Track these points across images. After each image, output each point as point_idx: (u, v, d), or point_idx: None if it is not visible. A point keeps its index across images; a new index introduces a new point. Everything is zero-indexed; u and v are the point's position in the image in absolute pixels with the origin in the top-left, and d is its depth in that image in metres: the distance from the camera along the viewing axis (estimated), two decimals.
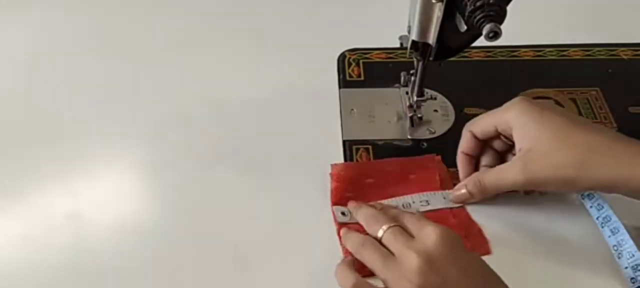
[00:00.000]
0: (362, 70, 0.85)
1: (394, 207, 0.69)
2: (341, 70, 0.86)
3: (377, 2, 0.94)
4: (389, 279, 0.60)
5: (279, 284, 0.66)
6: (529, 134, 0.66)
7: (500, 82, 0.84)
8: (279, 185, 0.73)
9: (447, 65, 0.73)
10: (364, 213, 0.67)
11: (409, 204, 0.70)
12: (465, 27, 0.65)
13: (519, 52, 0.87)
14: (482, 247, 0.67)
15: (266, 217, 0.70)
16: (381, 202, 0.70)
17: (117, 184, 0.73)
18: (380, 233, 0.63)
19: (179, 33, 0.91)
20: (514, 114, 0.67)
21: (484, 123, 0.70)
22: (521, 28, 0.74)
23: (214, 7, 0.95)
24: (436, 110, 0.80)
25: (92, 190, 0.73)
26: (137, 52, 0.89)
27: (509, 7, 0.63)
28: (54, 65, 0.87)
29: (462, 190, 0.70)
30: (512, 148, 0.70)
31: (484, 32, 0.62)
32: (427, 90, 0.77)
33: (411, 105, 0.78)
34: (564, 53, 0.88)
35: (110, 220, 0.71)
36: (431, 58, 0.72)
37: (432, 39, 0.69)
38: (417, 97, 0.77)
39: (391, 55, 0.87)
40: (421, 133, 0.78)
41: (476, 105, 0.79)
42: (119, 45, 0.90)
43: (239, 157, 0.76)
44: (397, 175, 0.72)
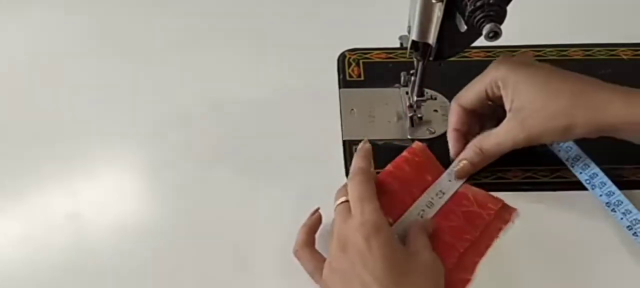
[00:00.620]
0: (362, 70, 0.85)
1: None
2: (341, 70, 0.86)
3: (377, 2, 0.94)
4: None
5: (278, 284, 0.66)
6: (519, 91, 0.67)
7: None
8: (279, 185, 0.73)
9: (447, 65, 0.73)
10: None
11: (431, 203, 0.69)
12: (465, 27, 0.65)
13: (519, 52, 0.87)
14: (508, 213, 0.69)
15: (266, 217, 0.71)
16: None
17: (117, 184, 0.73)
18: (336, 203, 0.65)
19: (179, 33, 0.91)
20: (502, 73, 0.69)
21: (472, 91, 0.71)
22: (521, 28, 0.74)
23: (214, 7, 0.95)
24: (436, 110, 0.80)
25: (92, 190, 0.73)
26: (137, 52, 0.89)
27: (509, 7, 0.63)
28: (54, 65, 0.87)
29: (462, 162, 0.71)
30: (501, 118, 0.70)
31: (484, 32, 0.62)
32: (427, 90, 0.77)
33: (411, 105, 0.78)
34: (564, 53, 0.88)
35: (110, 220, 0.71)
36: (431, 58, 0.72)
37: (432, 39, 0.69)
38: (417, 97, 0.77)
39: (391, 55, 0.87)
40: (421, 133, 0.77)
41: None
42: (119, 45, 0.90)
43: (239, 157, 0.76)
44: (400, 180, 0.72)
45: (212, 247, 0.68)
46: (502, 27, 0.62)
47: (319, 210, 0.67)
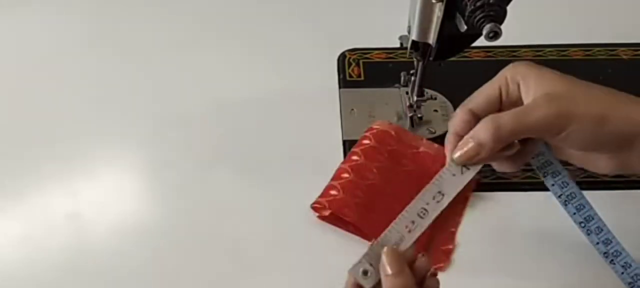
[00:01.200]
0: (362, 70, 0.85)
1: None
2: (341, 70, 0.86)
3: (377, 2, 0.94)
4: None
5: (279, 284, 0.66)
6: (545, 80, 0.59)
7: None
8: (279, 185, 0.73)
9: (447, 65, 0.73)
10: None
11: (425, 211, 0.56)
12: (465, 27, 0.65)
13: (519, 52, 0.87)
14: None
15: (266, 217, 0.71)
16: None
17: (117, 184, 0.73)
18: None
19: (179, 33, 0.91)
20: (523, 69, 0.60)
21: (483, 94, 0.61)
22: (521, 28, 0.74)
23: (214, 7, 0.95)
24: (436, 110, 0.80)
25: (92, 190, 0.73)
26: (137, 52, 0.89)
27: (509, 7, 0.63)
28: (54, 65, 0.87)
29: (469, 145, 0.57)
30: None
31: (484, 32, 0.62)
32: (427, 90, 0.77)
33: (411, 105, 0.78)
34: (564, 53, 0.88)
35: (110, 220, 0.71)
36: (431, 58, 0.72)
37: (432, 39, 0.69)
38: (417, 97, 0.77)
39: (391, 55, 0.87)
40: (421, 133, 0.77)
41: None
42: (119, 46, 0.90)
43: (239, 157, 0.76)
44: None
45: (212, 246, 0.68)
46: (502, 27, 0.62)
47: None
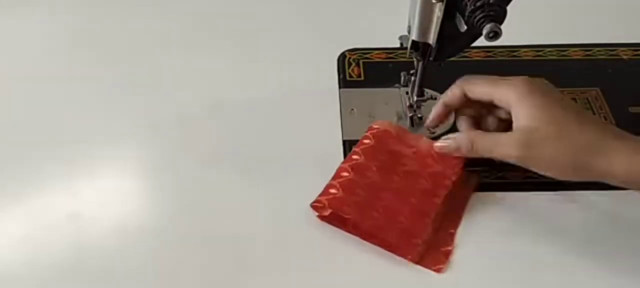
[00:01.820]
0: (362, 70, 0.85)
1: None
2: (341, 70, 0.86)
3: (377, 2, 0.94)
4: None
5: (279, 284, 0.66)
6: (528, 115, 0.66)
7: None
8: (279, 185, 0.73)
9: (447, 65, 0.73)
10: None
11: None
12: (465, 27, 0.65)
13: (519, 52, 0.87)
14: (474, 178, 0.72)
15: (266, 217, 0.71)
16: None
17: (118, 184, 0.73)
18: None
19: (180, 33, 0.91)
20: (517, 95, 0.67)
21: (481, 90, 0.70)
22: (521, 28, 0.74)
23: (214, 7, 0.95)
24: None
25: (92, 190, 0.73)
26: (137, 52, 0.89)
27: (509, 7, 0.63)
28: (53, 66, 0.87)
29: (449, 141, 0.71)
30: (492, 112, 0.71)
31: (484, 32, 0.62)
32: (427, 90, 0.77)
33: (411, 105, 0.78)
34: (564, 53, 0.88)
35: (110, 220, 0.71)
36: (431, 58, 0.72)
37: (432, 39, 0.69)
38: (417, 97, 0.77)
39: (391, 55, 0.87)
40: (421, 133, 0.77)
41: None
42: (119, 46, 0.90)
43: (239, 157, 0.76)
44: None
45: (212, 246, 0.68)
46: (502, 27, 0.62)
47: None
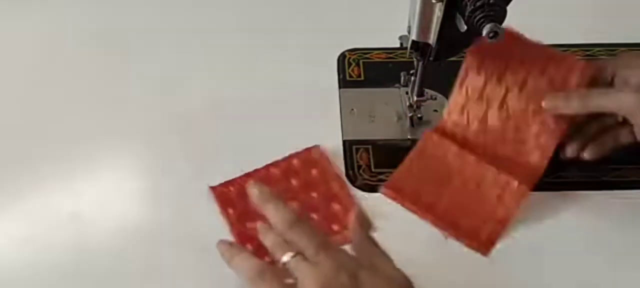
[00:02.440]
0: (362, 70, 0.85)
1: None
2: (341, 70, 0.86)
3: (377, 2, 0.94)
4: None
5: None
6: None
7: None
8: None
9: (447, 65, 0.73)
10: (270, 240, 0.61)
11: None
12: (465, 27, 0.65)
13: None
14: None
15: None
16: None
17: (118, 184, 0.73)
18: (285, 259, 0.59)
19: (179, 33, 0.91)
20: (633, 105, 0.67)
21: (586, 105, 0.70)
22: (521, 28, 0.74)
23: (214, 7, 0.95)
24: (436, 110, 0.80)
25: (92, 190, 0.73)
26: (137, 52, 0.89)
27: (509, 7, 0.63)
28: (54, 66, 0.87)
29: (561, 100, 0.70)
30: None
31: (484, 32, 0.62)
32: (427, 90, 0.77)
33: (411, 105, 0.78)
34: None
35: (110, 220, 0.71)
36: (431, 58, 0.72)
37: (432, 39, 0.69)
38: (417, 97, 0.77)
39: (391, 55, 0.87)
40: (421, 133, 0.77)
41: None
42: (119, 45, 0.90)
43: (239, 157, 0.76)
44: None
45: (211, 246, 0.68)
46: (502, 27, 0.62)
47: None
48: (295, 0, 0.96)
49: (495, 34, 0.62)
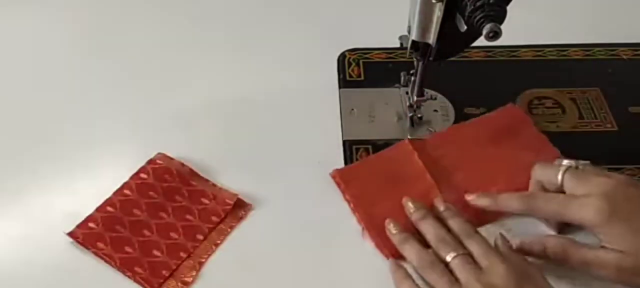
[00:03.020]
0: (362, 70, 0.85)
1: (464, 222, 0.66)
2: (341, 70, 0.86)
3: (377, 2, 0.94)
4: None
5: (279, 284, 0.66)
6: (615, 237, 0.62)
7: (500, 82, 0.84)
8: (278, 185, 0.73)
9: (447, 65, 0.73)
10: (433, 232, 0.65)
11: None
12: (465, 27, 0.65)
13: (519, 52, 0.87)
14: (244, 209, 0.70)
15: (266, 216, 0.71)
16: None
17: (118, 183, 0.73)
18: (448, 258, 0.62)
19: (179, 33, 0.91)
20: (599, 217, 0.62)
21: (551, 209, 0.66)
22: (521, 28, 0.74)
23: (214, 7, 0.95)
24: (436, 110, 0.80)
25: (92, 190, 0.72)
26: (137, 52, 0.89)
27: (509, 7, 0.63)
28: (54, 65, 0.87)
29: (535, 240, 0.66)
30: None
31: (484, 32, 0.62)
32: (427, 90, 0.77)
33: (411, 105, 0.78)
34: (564, 53, 0.88)
35: None
36: (431, 58, 0.72)
37: (432, 39, 0.69)
38: (417, 97, 0.77)
39: (391, 55, 0.87)
40: (421, 133, 0.78)
41: (476, 105, 0.80)
42: (120, 45, 0.90)
43: (239, 157, 0.76)
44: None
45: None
46: (502, 27, 0.62)
47: None
48: (295, 0, 0.96)
49: (495, 34, 0.62)
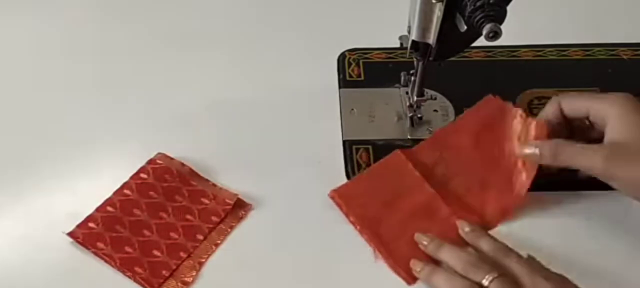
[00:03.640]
0: (362, 70, 0.85)
1: (495, 241, 0.65)
2: (341, 70, 0.86)
3: (377, 2, 0.94)
4: None
5: (279, 284, 0.66)
6: (624, 130, 0.63)
7: (500, 82, 0.84)
8: (278, 185, 0.73)
9: (447, 65, 0.73)
10: (458, 257, 0.63)
11: None
12: (465, 27, 0.65)
13: (519, 52, 0.87)
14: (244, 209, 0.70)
15: (266, 217, 0.71)
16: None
17: (118, 184, 0.73)
18: (485, 282, 0.60)
19: (179, 33, 0.91)
20: (616, 109, 0.64)
21: (577, 103, 0.68)
22: (521, 28, 0.74)
23: (214, 8, 0.95)
24: (436, 110, 0.80)
25: (92, 189, 0.73)
26: (137, 52, 0.89)
27: (509, 7, 0.63)
28: (54, 65, 0.87)
29: (534, 150, 0.68)
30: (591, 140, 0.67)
31: (484, 32, 0.62)
32: (427, 90, 0.77)
33: (411, 105, 0.78)
34: (564, 53, 0.88)
35: None
36: (431, 58, 0.72)
37: (432, 39, 0.69)
38: (417, 97, 0.77)
39: (391, 55, 0.87)
40: (421, 133, 0.78)
41: None
42: (119, 45, 0.90)
43: (239, 157, 0.76)
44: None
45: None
46: (502, 27, 0.62)
47: None
48: (295, 0, 0.96)
49: (495, 34, 0.62)
